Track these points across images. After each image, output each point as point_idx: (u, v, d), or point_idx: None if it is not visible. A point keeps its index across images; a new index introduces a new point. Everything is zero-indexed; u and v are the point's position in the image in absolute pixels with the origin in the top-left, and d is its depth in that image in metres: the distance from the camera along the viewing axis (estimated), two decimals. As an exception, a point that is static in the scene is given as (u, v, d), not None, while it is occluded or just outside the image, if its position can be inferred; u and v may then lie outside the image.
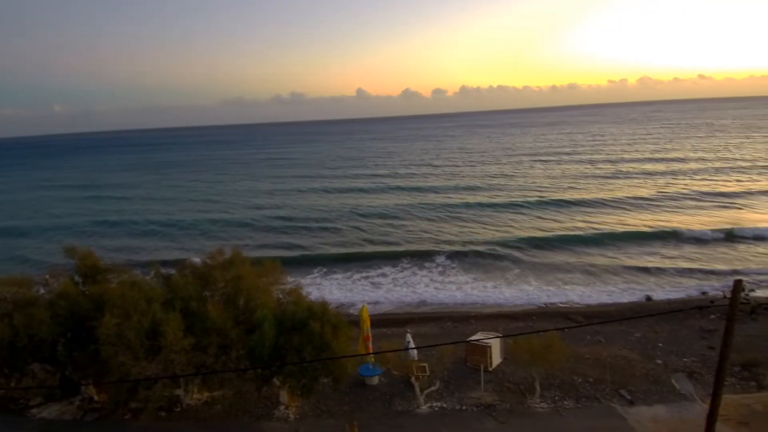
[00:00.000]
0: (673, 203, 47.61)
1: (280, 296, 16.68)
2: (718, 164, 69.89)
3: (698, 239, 35.33)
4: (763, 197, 48.25)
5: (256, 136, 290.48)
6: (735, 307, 9.64)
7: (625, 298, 25.68)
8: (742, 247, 33.73)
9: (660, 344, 18.73)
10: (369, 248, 37.62)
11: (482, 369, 16.10)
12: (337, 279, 30.93)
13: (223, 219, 51.17)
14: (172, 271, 16.84)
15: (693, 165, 69.50)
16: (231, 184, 79.59)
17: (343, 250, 37.31)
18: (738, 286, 9.91)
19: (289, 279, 18.16)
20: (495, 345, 16.97)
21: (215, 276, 15.83)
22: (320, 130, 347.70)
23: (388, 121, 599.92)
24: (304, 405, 15.29)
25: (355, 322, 17.42)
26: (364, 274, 31.16)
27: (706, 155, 79.95)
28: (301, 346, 13.98)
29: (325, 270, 32.54)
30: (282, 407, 15.18)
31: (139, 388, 12.86)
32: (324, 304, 15.74)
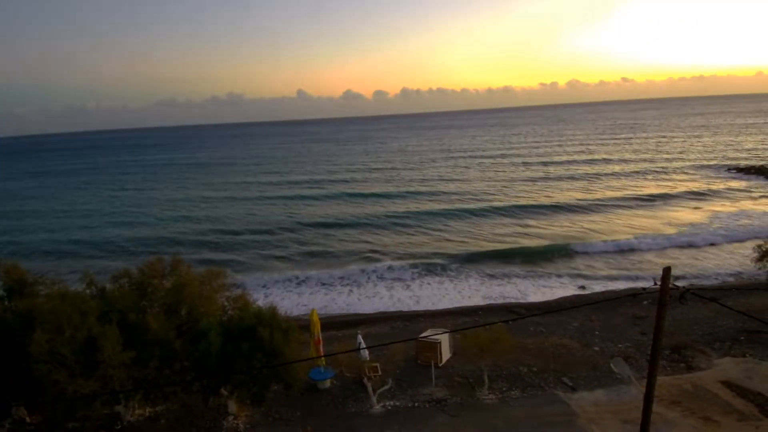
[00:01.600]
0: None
1: (226, 304, 16.15)
2: (642, 166, 75.13)
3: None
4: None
5: (191, 138, 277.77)
6: (665, 293, 10.33)
7: (562, 291, 26.92)
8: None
9: (597, 332, 19.80)
10: (312, 255, 36.70)
11: (433, 365, 16.36)
12: (282, 286, 30.15)
13: (147, 235, 44.58)
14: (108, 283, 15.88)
15: (615, 167, 73.59)
16: (159, 191, 72.82)
17: (285, 258, 36.13)
18: (667, 273, 10.61)
19: (235, 287, 17.61)
20: (444, 341, 17.30)
21: (154, 285, 15.09)
22: (259, 132, 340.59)
23: (329, 122, 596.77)
24: (254, 414, 14.91)
25: (305, 326, 17.18)
26: (311, 280, 30.58)
27: (630, 156, 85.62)
28: (250, 353, 13.63)
29: (266, 278, 31.56)
30: (231, 418, 14.72)
31: (77, 406, 12.04)
32: (273, 310, 15.41)
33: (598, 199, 50.31)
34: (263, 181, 77.15)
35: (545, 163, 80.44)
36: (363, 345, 17.53)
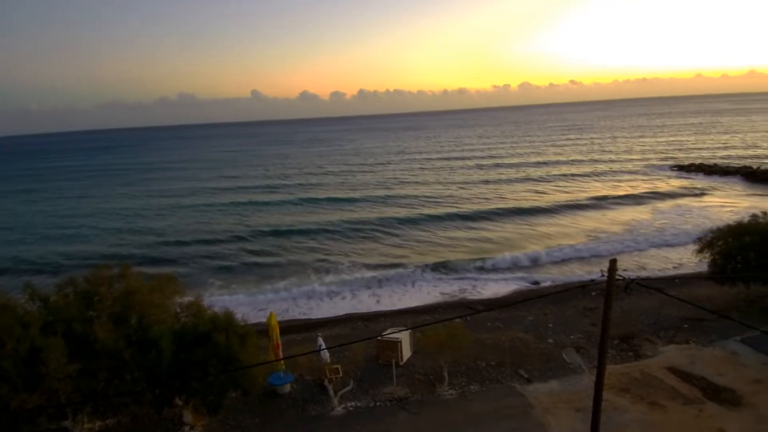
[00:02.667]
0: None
1: (178, 311, 15.65)
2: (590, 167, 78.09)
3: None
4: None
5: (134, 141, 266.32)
6: (612, 283, 10.78)
7: (517, 287, 27.64)
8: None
9: (550, 325, 20.44)
10: (267, 262, 35.62)
11: (394, 364, 16.42)
12: (237, 292, 29.39)
13: (84, 251, 40.18)
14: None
15: (564, 168, 76.10)
16: (100, 200, 66.94)
17: (237, 267, 34.64)
18: (613, 264, 11.08)
19: (187, 294, 17.06)
20: (405, 339, 17.40)
21: (101, 294, 14.43)
22: (211, 134, 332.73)
23: (284, 123, 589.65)
24: (211, 422, 14.52)
25: (263, 331, 16.89)
26: (267, 285, 29.98)
27: (580, 157, 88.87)
28: (205, 360, 13.28)
29: (221, 283, 30.84)
30: (186, 428, 14.27)
31: (21, 422, 11.38)
32: (229, 315, 15.09)
33: (550, 201, 51.31)
34: (214, 187, 73.95)
35: (498, 165, 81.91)
36: (323, 346, 17.39)
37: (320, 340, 18.29)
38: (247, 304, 26.55)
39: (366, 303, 26.42)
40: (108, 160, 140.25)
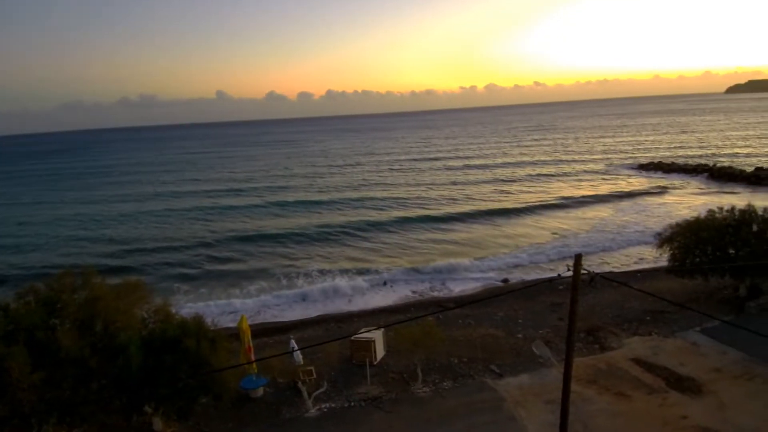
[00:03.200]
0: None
1: (146, 316, 15.28)
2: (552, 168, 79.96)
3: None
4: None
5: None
6: (577, 278, 11.14)
7: (486, 283, 28.12)
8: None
9: (520, 320, 20.88)
10: (234, 265, 34.79)
11: (368, 364, 16.46)
12: (206, 298, 28.69)
13: (36, 262, 37.31)
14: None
15: (529, 169, 77.81)
16: (56, 206, 63.37)
17: (200, 275, 33.33)
18: (578, 259, 11.44)
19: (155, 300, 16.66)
20: (378, 339, 17.46)
21: (64, 300, 13.96)
22: (174, 135, 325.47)
23: (251, 124, 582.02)
24: (182, 429, 14.22)
25: (234, 335, 16.65)
26: (237, 291, 29.38)
27: (544, 158, 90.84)
28: (175, 366, 13.01)
29: (188, 289, 29.97)
30: (157, 435, 13.93)
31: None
32: (198, 319, 14.82)
33: (517, 201, 51.83)
34: (176, 190, 70.93)
35: (466, 166, 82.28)
36: (296, 348, 17.28)
37: (293, 342, 18.18)
38: (216, 308, 26.06)
39: (338, 304, 26.35)
40: (65, 164, 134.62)
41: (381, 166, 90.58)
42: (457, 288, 27.68)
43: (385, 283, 28.97)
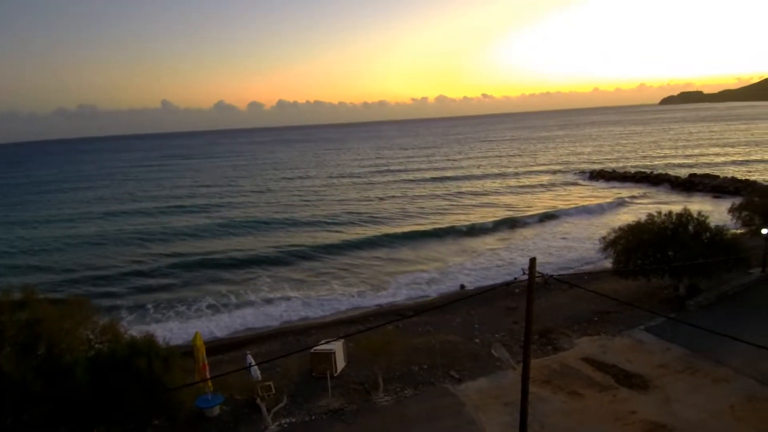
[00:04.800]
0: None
1: (92, 337, 14.52)
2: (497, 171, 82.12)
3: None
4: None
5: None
6: (532, 280, 11.56)
7: (444, 290, 28.53)
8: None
9: (476, 325, 21.29)
10: (181, 286, 32.89)
11: (329, 376, 16.27)
12: (156, 318, 27.53)
13: None
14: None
15: (479, 183, 79.22)
16: None
17: (155, 291, 32.04)
18: (533, 263, 11.87)
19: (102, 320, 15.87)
20: (339, 350, 17.32)
21: (3, 322, 13.07)
22: (115, 147, 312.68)
23: (198, 135, 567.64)
24: (134, 453, 13.52)
25: (189, 353, 16.07)
26: (183, 308, 28.34)
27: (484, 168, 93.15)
28: (126, 386, 12.43)
29: (135, 308, 28.72)
30: (106, 461, 13.20)
31: None
32: (149, 338, 14.29)
33: (468, 213, 52.34)
34: (111, 211, 63.15)
35: (418, 179, 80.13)
36: (253, 363, 16.87)
37: (249, 358, 17.74)
38: (167, 327, 25.08)
39: (296, 316, 25.93)
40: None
41: (332, 179, 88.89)
42: (416, 296, 27.90)
43: (341, 297, 28.69)
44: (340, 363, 17.45)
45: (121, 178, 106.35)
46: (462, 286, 28.80)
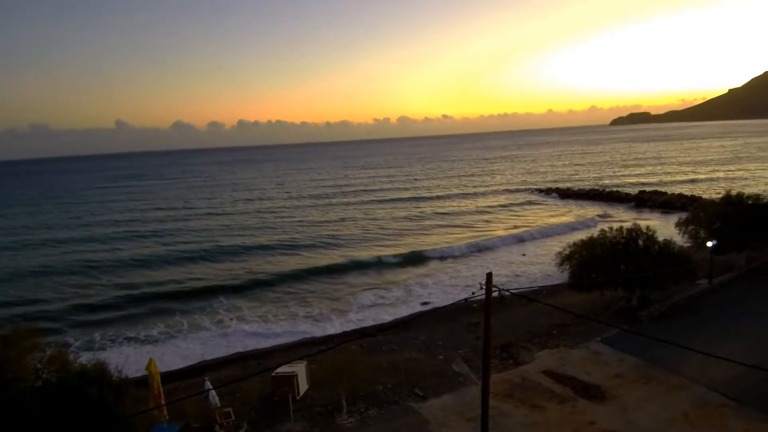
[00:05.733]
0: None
1: (39, 366, 13.78)
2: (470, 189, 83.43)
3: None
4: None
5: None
6: (489, 294, 11.81)
7: (408, 309, 28.55)
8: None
9: (440, 342, 21.39)
10: (133, 307, 31.97)
11: (290, 399, 15.91)
12: (102, 341, 26.56)
13: None
14: None
15: (446, 204, 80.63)
16: None
17: (104, 313, 31.07)
18: (489, 277, 12.14)
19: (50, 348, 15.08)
20: (301, 372, 16.98)
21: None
22: (67, 168, 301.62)
23: (155, 155, 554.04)
24: (83, 489, 12.78)
25: (143, 381, 15.41)
26: (140, 333, 27.38)
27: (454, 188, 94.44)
28: (76, 417, 11.82)
29: (81, 333, 27.62)
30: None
31: None
32: (100, 366, 13.69)
33: (430, 232, 52.50)
34: (56, 238, 59.25)
35: (382, 200, 78.97)
36: (210, 388, 16.31)
37: (207, 384, 17.16)
38: (120, 355, 23.98)
39: (256, 340, 25.30)
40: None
41: (292, 199, 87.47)
42: (380, 316, 27.81)
43: (305, 319, 28.30)
44: (303, 385, 17.11)
45: (69, 202, 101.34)
46: (425, 304, 28.95)
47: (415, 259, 41.07)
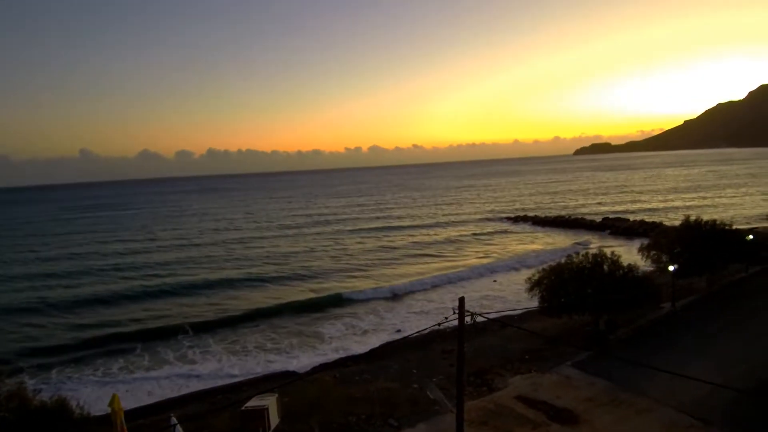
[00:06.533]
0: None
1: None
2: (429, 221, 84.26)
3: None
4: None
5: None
6: (462, 318, 11.94)
7: (381, 338, 28.29)
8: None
9: (414, 371, 21.23)
10: (94, 345, 30.30)
11: (261, 434, 15.42)
12: (63, 378, 25.35)
13: None
14: None
15: (409, 233, 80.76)
16: None
17: (64, 351, 29.55)
18: (462, 302, 12.28)
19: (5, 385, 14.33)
20: (272, 406, 16.50)
21: None
22: (26, 198, 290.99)
23: (121, 184, 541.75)
24: None
25: (105, 419, 14.73)
26: (101, 369, 26.30)
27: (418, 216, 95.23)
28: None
29: (39, 370, 26.33)
30: None
31: None
32: (61, 402, 13.14)
33: (402, 261, 52.64)
34: (7, 274, 55.13)
35: (352, 230, 77.33)
36: (176, 423, 15.68)
37: (173, 419, 16.51)
38: (82, 392, 22.82)
39: (223, 376, 24.42)
40: None
41: (261, 230, 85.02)
42: (354, 345, 27.47)
43: (278, 353, 27.69)
44: (274, 419, 16.62)
45: (26, 234, 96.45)
46: (398, 332, 28.80)
47: (385, 289, 40.28)
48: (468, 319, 12.33)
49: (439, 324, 12.27)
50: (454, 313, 12.23)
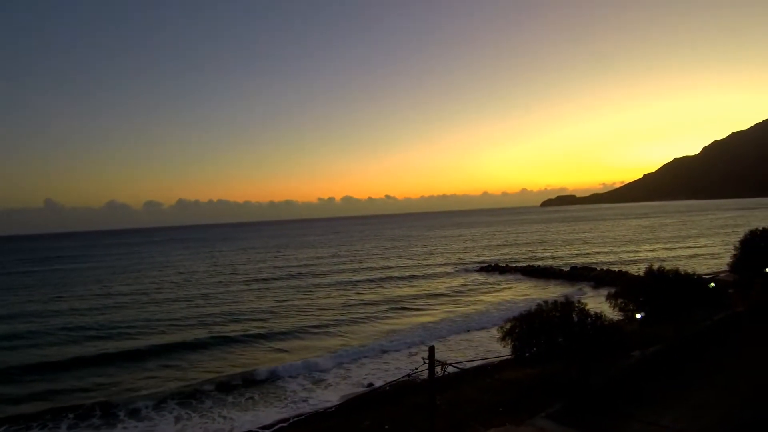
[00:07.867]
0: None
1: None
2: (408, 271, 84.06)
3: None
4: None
5: None
6: (432, 366, 11.73)
7: (351, 391, 27.32)
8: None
9: (386, 426, 20.42)
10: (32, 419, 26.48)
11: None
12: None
13: None
14: None
15: (393, 285, 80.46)
16: None
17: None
18: (432, 351, 12.11)
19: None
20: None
21: None
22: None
23: (87, 235, 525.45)
24: None
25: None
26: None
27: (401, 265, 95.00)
28: None
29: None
30: None
31: None
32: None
33: (374, 315, 52.32)
34: None
35: (322, 285, 73.14)
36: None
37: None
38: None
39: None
40: None
41: (226, 282, 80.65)
42: (321, 400, 26.39)
43: (243, 412, 26.43)
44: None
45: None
46: (369, 385, 27.91)
47: (353, 344, 38.29)
48: (438, 369, 12.14)
49: (409, 375, 12.02)
50: (425, 362, 12.03)
